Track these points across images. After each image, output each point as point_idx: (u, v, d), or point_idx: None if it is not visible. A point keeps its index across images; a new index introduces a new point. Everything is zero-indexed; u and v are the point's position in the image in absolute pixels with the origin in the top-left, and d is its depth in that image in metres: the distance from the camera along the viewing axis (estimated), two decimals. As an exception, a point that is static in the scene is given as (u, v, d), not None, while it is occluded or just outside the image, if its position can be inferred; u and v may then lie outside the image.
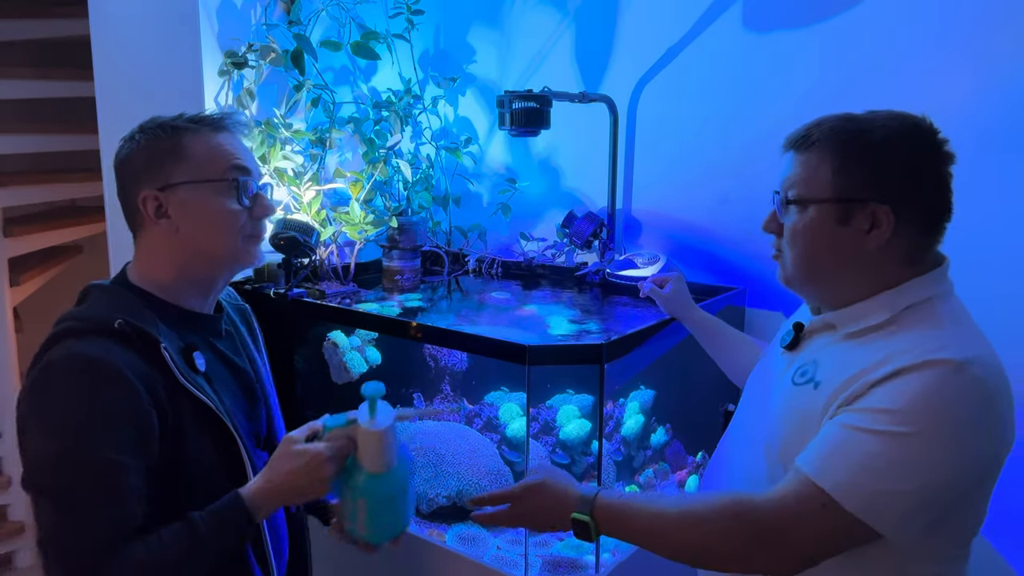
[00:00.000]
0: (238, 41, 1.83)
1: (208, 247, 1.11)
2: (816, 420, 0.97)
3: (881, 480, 0.88)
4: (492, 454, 1.74)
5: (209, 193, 1.10)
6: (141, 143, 1.10)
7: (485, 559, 1.52)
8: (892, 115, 1.00)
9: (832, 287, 1.04)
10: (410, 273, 1.99)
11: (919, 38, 1.57)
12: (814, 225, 1.01)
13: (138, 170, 1.09)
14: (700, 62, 1.85)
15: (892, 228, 0.97)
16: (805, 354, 1.07)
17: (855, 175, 0.98)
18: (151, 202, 1.09)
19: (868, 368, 0.94)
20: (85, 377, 0.97)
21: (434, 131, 2.23)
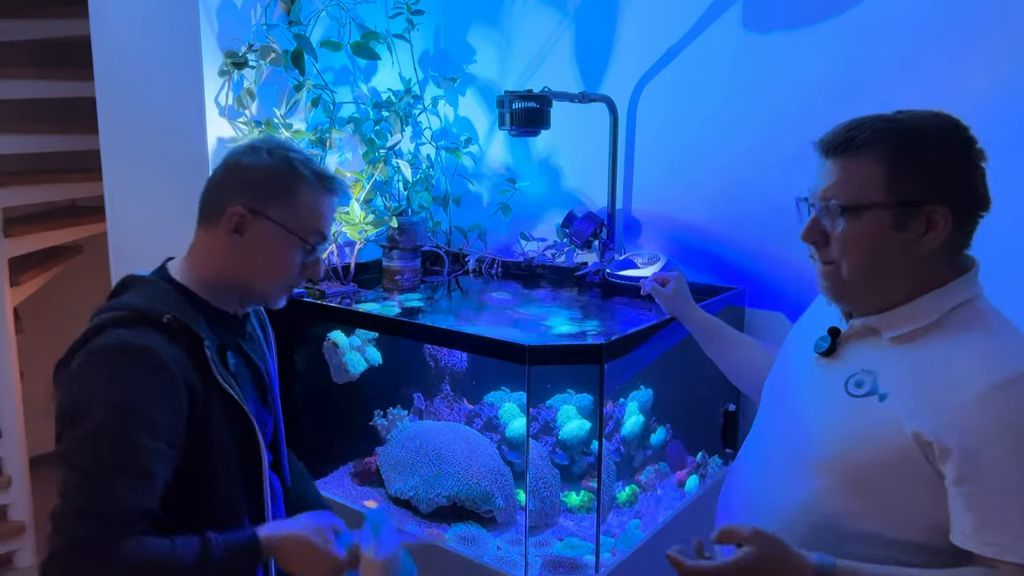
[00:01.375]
0: (238, 41, 1.83)
1: (254, 278, 1.16)
2: (889, 434, 0.96)
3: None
4: (492, 454, 1.74)
5: (286, 241, 1.14)
6: (267, 163, 1.13)
7: (485, 559, 1.52)
8: (927, 115, 0.99)
9: (885, 292, 1.02)
10: (410, 273, 1.99)
11: (919, 38, 1.57)
12: (871, 231, 0.98)
13: (247, 182, 1.13)
14: (700, 62, 1.85)
15: (949, 227, 0.96)
16: (853, 362, 1.04)
17: (911, 178, 0.96)
18: (236, 217, 1.12)
19: (947, 380, 0.93)
20: (130, 363, 1.00)
21: (434, 131, 2.23)
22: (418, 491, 1.69)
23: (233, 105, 1.84)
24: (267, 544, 1.04)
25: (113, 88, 2.07)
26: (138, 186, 2.08)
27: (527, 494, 1.54)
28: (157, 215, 2.03)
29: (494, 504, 1.65)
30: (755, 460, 1.17)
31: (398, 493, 1.73)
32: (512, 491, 1.71)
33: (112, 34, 2.04)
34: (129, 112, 2.05)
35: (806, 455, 1.04)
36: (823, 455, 1.02)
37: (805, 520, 1.03)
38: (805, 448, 1.04)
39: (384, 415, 1.97)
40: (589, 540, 1.57)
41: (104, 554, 0.93)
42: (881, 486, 0.97)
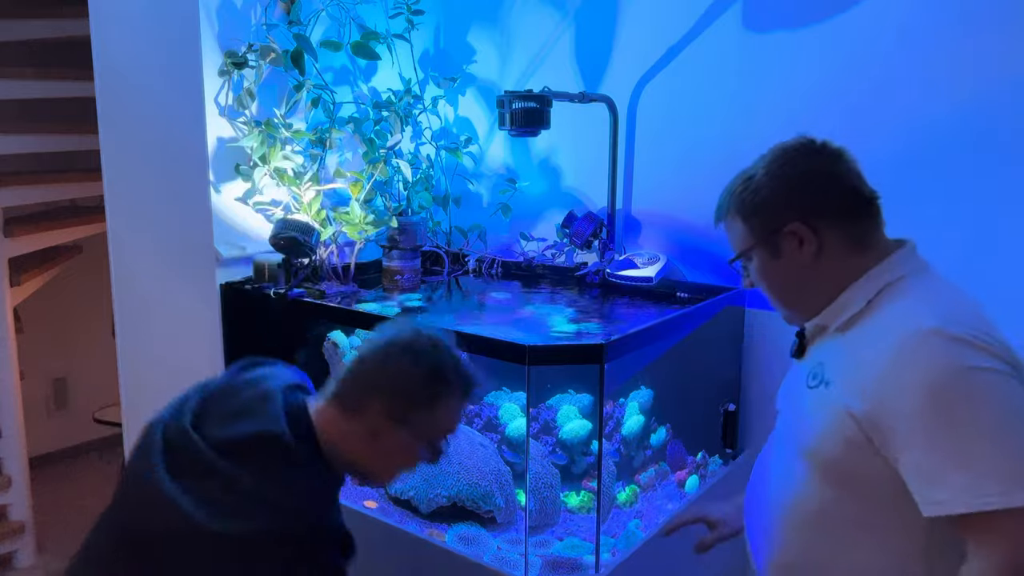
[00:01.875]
0: (238, 41, 1.83)
1: (378, 469, 1.20)
2: (837, 415, 1.01)
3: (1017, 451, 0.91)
4: (492, 454, 1.74)
5: (418, 446, 1.18)
6: (418, 371, 1.14)
7: (485, 559, 1.52)
8: (766, 153, 1.14)
9: (810, 304, 1.13)
10: (410, 273, 1.99)
11: (920, 37, 1.57)
12: (760, 268, 1.14)
13: (396, 390, 1.14)
14: (700, 62, 1.85)
15: (813, 234, 1.07)
16: (811, 359, 1.14)
17: (758, 215, 1.11)
18: (376, 422, 1.14)
19: (867, 355, 1.00)
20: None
21: (434, 131, 2.23)
22: (418, 491, 1.69)
23: (233, 105, 1.84)
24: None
25: (113, 88, 2.07)
26: (138, 186, 2.08)
27: (527, 494, 1.54)
28: (157, 215, 2.03)
29: (494, 504, 1.65)
30: (759, 468, 1.25)
31: (398, 493, 1.73)
32: (512, 491, 1.71)
33: (112, 34, 2.04)
34: (129, 112, 2.05)
35: (793, 451, 1.11)
36: (799, 448, 1.10)
37: (795, 518, 1.10)
38: (792, 445, 1.12)
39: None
40: (589, 540, 1.57)
41: None
42: (845, 468, 1.02)
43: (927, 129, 1.56)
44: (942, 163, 1.56)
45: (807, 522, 1.08)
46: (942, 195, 1.57)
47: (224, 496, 1.04)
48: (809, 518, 1.08)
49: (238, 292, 1.86)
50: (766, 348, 1.84)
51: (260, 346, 1.91)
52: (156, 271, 2.06)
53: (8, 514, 3.02)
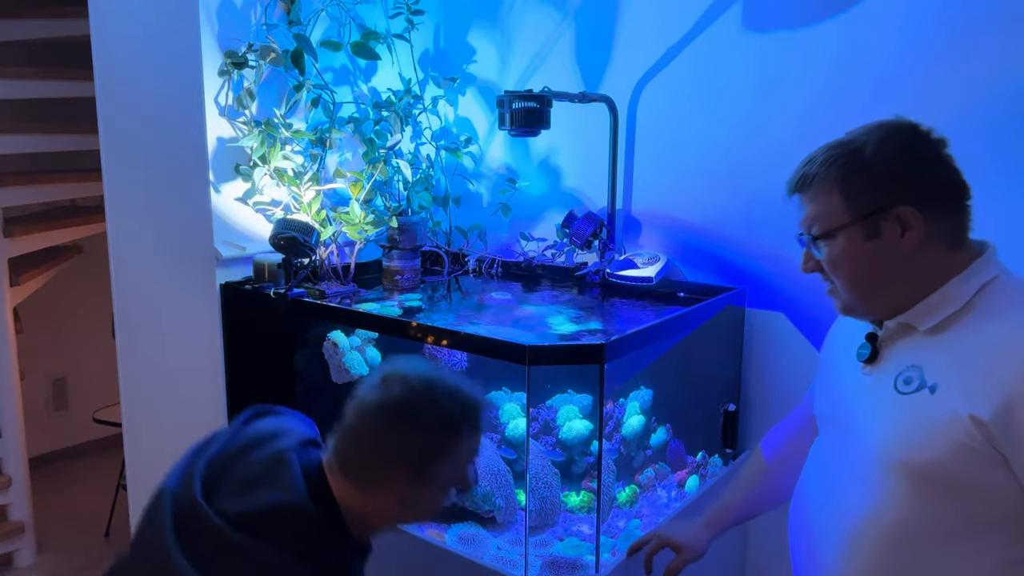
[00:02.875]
0: (238, 41, 1.83)
1: (413, 521, 1.23)
2: (947, 425, 0.95)
3: None
4: (492, 454, 1.74)
5: (444, 489, 1.14)
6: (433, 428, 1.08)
7: (485, 559, 1.52)
8: (870, 127, 1.05)
9: (892, 298, 1.05)
10: (410, 273, 1.99)
11: (920, 37, 1.57)
12: (848, 249, 1.03)
13: (410, 453, 1.09)
14: (700, 62, 1.85)
15: (922, 222, 1.00)
16: (895, 362, 1.06)
17: (864, 192, 1.01)
18: (401, 492, 1.10)
19: (991, 356, 0.94)
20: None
21: (434, 131, 2.23)
22: (418, 491, 1.69)
23: (233, 105, 1.84)
24: None
25: (113, 88, 2.07)
26: (138, 186, 2.08)
27: (527, 494, 1.54)
28: (157, 215, 2.03)
29: (494, 504, 1.65)
30: (819, 482, 1.15)
31: (398, 493, 1.73)
32: (512, 491, 1.71)
33: (112, 34, 2.04)
34: (129, 112, 2.05)
35: (868, 465, 1.04)
36: (886, 460, 1.02)
37: (875, 531, 1.02)
38: (866, 458, 1.04)
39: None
40: (589, 540, 1.57)
41: None
42: (954, 477, 0.96)
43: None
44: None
45: (892, 536, 1.01)
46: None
47: (243, 574, 1.01)
48: (895, 531, 1.01)
49: (238, 292, 1.86)
50: (766, 348, 1.84)
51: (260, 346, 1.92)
52: (156, 271, 2.06)
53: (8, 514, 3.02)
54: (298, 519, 1.04)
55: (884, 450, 1.02)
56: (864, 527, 1.03)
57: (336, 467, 1.12)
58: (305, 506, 1.05)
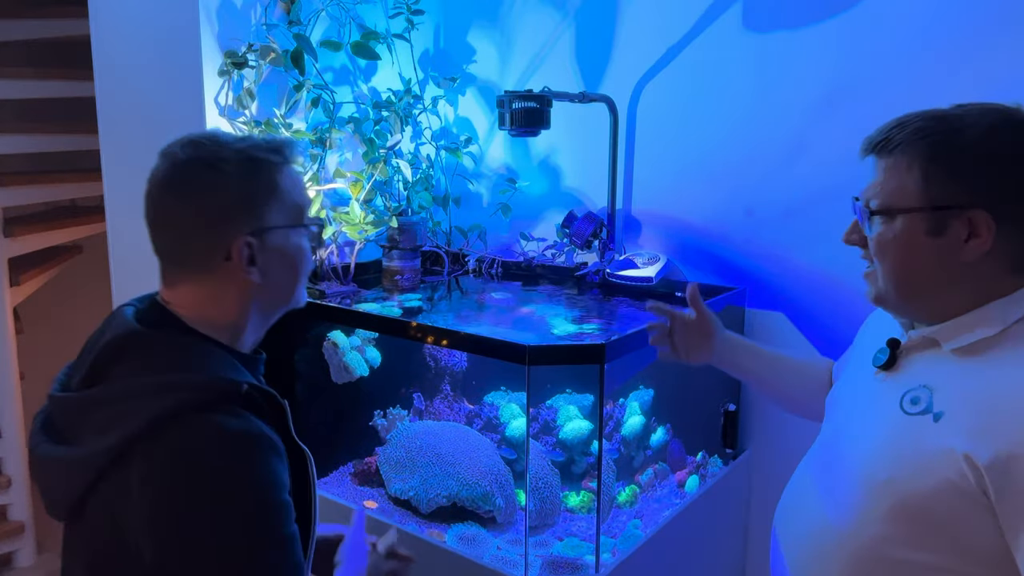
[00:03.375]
0: (238, 41, 1.83)
1: (286, 293, 1.05)
2: (940, 457, 0.88)
3: None
4: (492, 454, 1.74)
5: (295, 236, 1.02)
6: (232, 175, 0.96)
7: (485, 559, 1.52)
8: (985, 109, 0.91)
9: (931, 303, 0.96)
10: (410, 273, 1.99)
11: (922, 36, 1.57)
12: (904, 237, 0.93)
13: (231, 209, 0.96)
14: (700, 62, 1.85)
15: (994, 233, 0.89)
16: (910, 376, 0.97)
17: (948, 181, 0.90)
18: (247, 250, 0.97)
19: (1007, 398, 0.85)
20: (244, 454, 0.88)
21: (434, 131, 2.24)
22: (418, 491, 1.69)
23: (233, 105, 1.84)
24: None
25: (113, 88, 2.07)
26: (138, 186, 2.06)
27: (527, 494, 1.54)
28: (157, 215, 2.03)
29: (494, 504, 1.65)
30: (813, 476, 1.10)
31: (398, 493, 1.73)
32: (512, 491, 1.71)
33: (112, 34, 2.04)
34: (129, 112, 2.05)
35: (857, 475, 0.98)
36: (873, 477, 0.95)
37: (852, 543, 0.97)
38: (857, 468, 0.98)
39: (384, 415, 1.97)
40: (589, 540, 1.57)
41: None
42: (932, 513, 0.89)
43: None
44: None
45: (860, 557, 0.95)
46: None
47: (102, 416, 0.90)
48: (863, 553, 0.95)
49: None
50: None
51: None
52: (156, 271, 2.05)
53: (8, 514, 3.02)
54: (134, 343, 0.93)
55: (873, 467, 0.95)
56: (839, 540, 0.98)
57: (169, 281, 1.00)
58: (136, 331, 0.94)
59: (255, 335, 1.06)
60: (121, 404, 0.89)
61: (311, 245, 1.06)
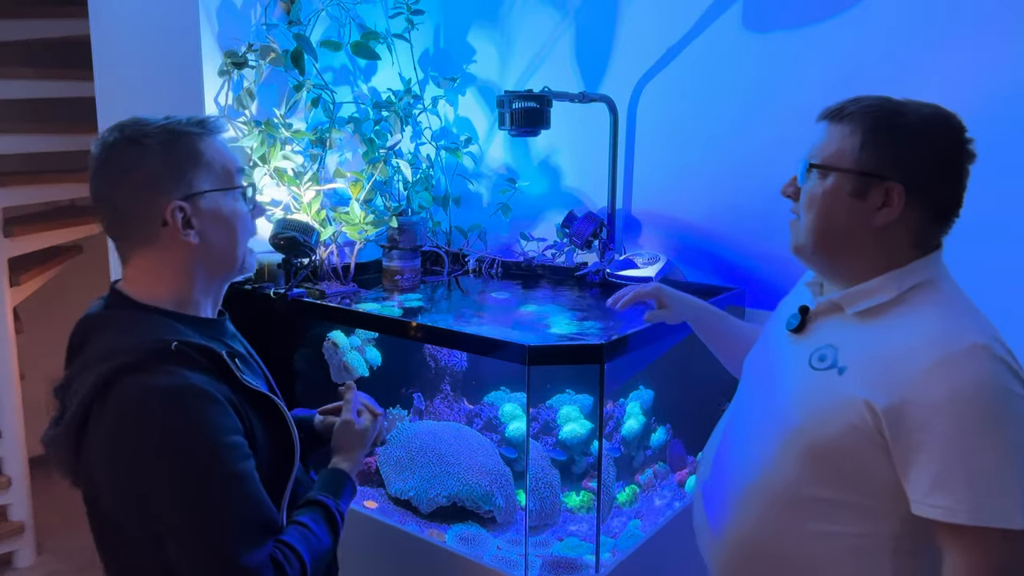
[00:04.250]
0: (238, 41, 1.83)
1: (228, 255, 1.09)
2: (844, 405, 1.00)
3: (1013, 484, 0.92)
4: (492, 454, 1.74)
5: (227, 199, 1.08)
6: (154, 149, 1.02)
7: (485, 559, 1.52)
8: (926, 105, 1.04)
9: (839, 260, 1.08)
10: (410, 273, 1.99)
11: (920, 37, 1.57)
12: (831, 193, 1.05)
13: (158, 178, 1.02)
14: (700, 62, 1.85)
15: (901, 208, 1.01)
16: (817, 337, 1.10)
17: (880, 152, 1.02)
18: (179, 212, 1.02)
19: (899, 353, 0.98)
20: (178, 408, 0.94)
21: (434, 131, 2.24)
22: (418, 491, 1.69)
23: (233, 105, 1.84)
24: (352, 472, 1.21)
25: (113, 88, 2.07)
26: (138, 186, 2.08)
27: (527, 494, 1.54)
28: (157, 215, 2.03)
29: (494, 504, 1.65)
30: (733, 430, 1.21)
31: (398, 493, 1.73)
32: (512, 491, 1.71)
33: (112, 34, 2.04)
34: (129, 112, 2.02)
35: (775, 426, 1.10)
36: (788, 426, 1.07)
37: (770, 486, 1.08)
38: (775, 420, 1.10)
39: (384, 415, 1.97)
40: (589, 540, 1.57)
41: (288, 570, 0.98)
42: (838, 454, 1.01)
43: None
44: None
45: (775, 499, 1.08)
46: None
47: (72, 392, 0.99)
48: (779, 494, 1.07)
49: (238, 292, 1.86)
50: (766, 348, 1.84)
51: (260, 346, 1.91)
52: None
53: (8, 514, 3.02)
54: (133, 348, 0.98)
55: (787, 417, 1.08)
56: (755, 486, 1.10)
57: (123, 260, 1.07)
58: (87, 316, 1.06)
59: (206, 299, 1.11)
60: (79, 378, 0.99)
61: (247, 208, 1.12)
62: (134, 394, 0.94)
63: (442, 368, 2.04)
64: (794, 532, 1.06)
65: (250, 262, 1.14)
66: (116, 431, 0.95)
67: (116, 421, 0.95)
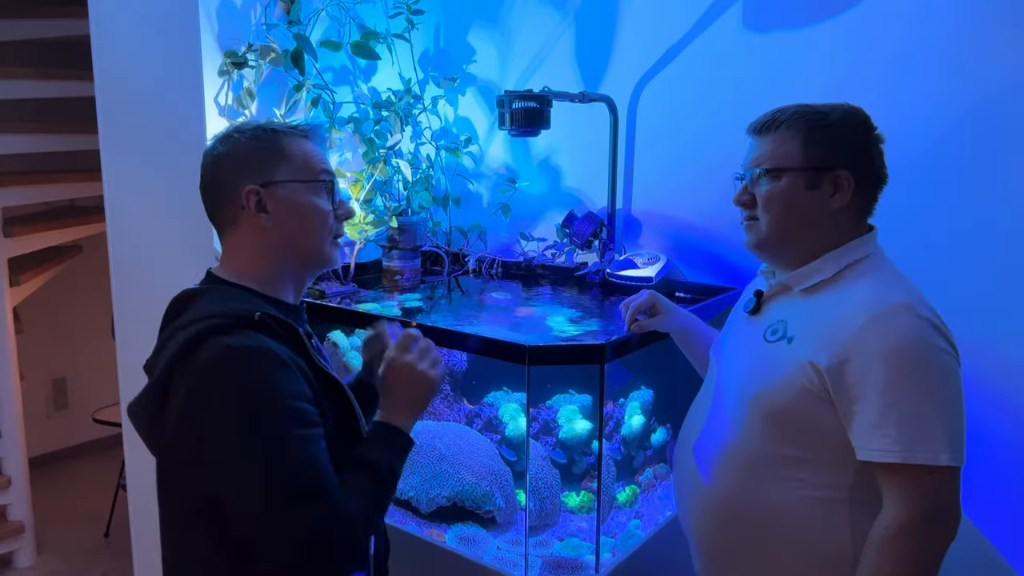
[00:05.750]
0: (238, 41, 1.83)
1: (303, 244, 1.16)
2: (794, 370, 1.13)
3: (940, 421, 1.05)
4: (492, 454, 1.74)
5: (306, 192, 1.15)
6: (241, 141, 1.13)
7: (485, 559, 1.52)
8: (836, 104, 1.20)
9: (797, 247, 1.20)
10: (410, 273, 1.99)
11: (924, 36, 1.57)
12: (788, 191, 1.18)
13: (240, 166, 1.12)
14: (700, 62, 1.85)
15: (852, 191, 1.16)
16: (770, 315, 1.23)
17: (820, 147, 1.16)
18: (253, 196, 1.11)
19: (837, 317, 1.11)
20: (255, 366, 1.01)
21: (434, 131, 2.23)
22: (418, 491, 1.69)
23: (233, 105, 1.84)
24: (405, 425, 1.16)
25: (113, 88, 2.07)
26: (138, 186, 2.08)
27: (527, 494, 1.54)
28: (157, 215, 2.03)
29: (494, 504, 1.65)
30: (702, 407, 1.33)
31: (398, 493, 1.73)
32: (512, 491, 1.71)
33: (112, 34, 2.04)
34: (129, 112, 2.05)
35: (738, 398, 1.22)
36: (749, 395, 1.19)
37: (742, 452, 1.20)
38: (737, 392, 1.23)
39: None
40: (589, 540, 1.57)
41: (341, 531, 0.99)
42: (794, 414, 1.14)
43: (934, 130, 1.56)
44: (952, 166, 1.56)
45: (743, 462, 1.19)
46: (954, 198, 1.57)
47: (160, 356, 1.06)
48: (745, 458, 1.19)
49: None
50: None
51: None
52: (156, 271, 2.06)
53: (8, 514, 3.02)
54: (222, 313, 1.04)
55: (745, 387, 1.21)
56: (724, 452, 1.22)
57: (221, 243, 1.15)
58: (198, 291, 1.11)
59: (287, 284, 1.17)
60: (168, 343, 1.06)
61: (330, 207, 1.17)
62: (216, 351, 1.00)
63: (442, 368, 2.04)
64: (761, 490, 1.17)
65: (333, 256, 1.20)
66: (194, 384, 1.01)
67: (195, 376, 1.01)
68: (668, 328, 1.51)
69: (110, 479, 3.39)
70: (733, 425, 1.22)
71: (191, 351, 1.02)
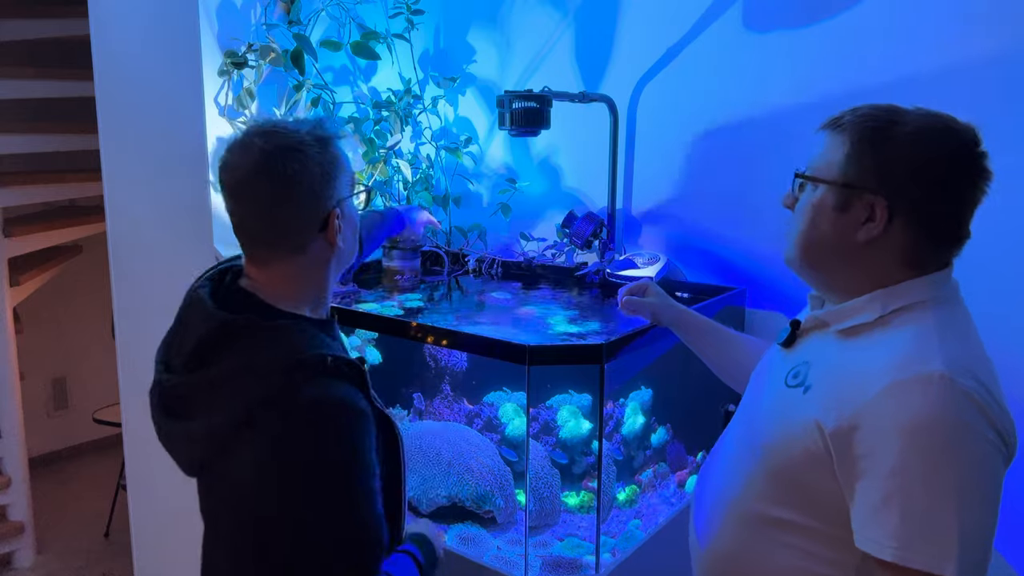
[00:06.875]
0: (238, 41, 1.83)
1: (351, 256, 1.13)
2: (802, 425, 0.97)
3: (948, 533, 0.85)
4: (492, 454, 1.74)
5: (353, 204, 1.12)
6: (314, 156, 1.02)
7: (485, 559, 1.52)
8: (931, 114, 0.97)
9: (827, 274, 1.04)
10: (410, 273, 1.99)
11: (919, 37, 1.57)
12: (817, 205, 1.01)
13: (319, 186, 1.03)
14: (701, 62, 1.85)
15: (885, 224, 0.96)
16: (800, 353, 1.07)
17: (863, 163, 0.96)
18: (335, 220, 1.04)
19: (858, 375, 0.93)
20: (343, 420, 0.98)
21: (434, 131, 2.24)
22: (418, 491, 1.69)
23: (233, 105, 1.84)
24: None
25: (113, 88, 2.07)
26: (138, 186, 2.08)
27: (527, 494, 1.54)
28: (157, 215, 2.03)
29: (494, 504, 1.65)
30: (725, 444, 1.19)
31: (398, 493, 1.73)
32: (512, 491, 1.71)
33: (112, 34, 2.04)
34: (129, 112, 2.05)
35: (750, 442, 1.08)
36: (757, 443, 1.05)
37: (739, 503, 1.07)
38: (750, 435, 1.08)
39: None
40: (589, 540, 1.57)
41: None
42: (796, 476, 0.98)
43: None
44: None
45: (747, 516, 1.05)
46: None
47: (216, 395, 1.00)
48: (750, 512, 1.04)
49: (238, 292, 1.86)
50: (766, 348, 1.84)
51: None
52: (156, 271, 2.06)
53: (8, 514, 3.02)
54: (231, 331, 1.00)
55: (758, 434, 1.05)
56: (729, 500, 1.08)
57: (259, 262, 1.06)
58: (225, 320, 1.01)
59: (330, 298, 1.13)
60: (231, 384, 0.99)
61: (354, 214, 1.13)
62: (304, 402, 0.96)
63: (442, 368, 2.04)
64: (766, 552, 1.02)
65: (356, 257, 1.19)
66: (280, 438, 0.96)
67: (282, 426, 0.96)
68: (661, 317, 1.43)
69: (110, 479, 3.39)
70: (741, 472, 1.07)
71: (273, 403, 0.96)
